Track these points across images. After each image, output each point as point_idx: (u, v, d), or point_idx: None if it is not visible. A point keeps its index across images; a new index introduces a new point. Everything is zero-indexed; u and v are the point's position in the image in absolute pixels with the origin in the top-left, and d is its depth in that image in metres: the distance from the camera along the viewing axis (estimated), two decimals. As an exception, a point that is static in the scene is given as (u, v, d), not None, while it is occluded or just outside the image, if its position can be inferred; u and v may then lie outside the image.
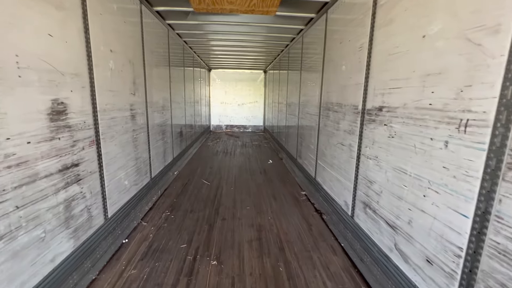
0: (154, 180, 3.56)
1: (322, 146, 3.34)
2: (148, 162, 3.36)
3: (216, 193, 3.69)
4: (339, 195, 2.76)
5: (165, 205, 3.25)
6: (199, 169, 4.94)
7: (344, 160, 2.64)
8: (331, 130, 3.00)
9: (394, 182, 1.79)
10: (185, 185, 4.02)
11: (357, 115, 2.35)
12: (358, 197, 2.34)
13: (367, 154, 2.16)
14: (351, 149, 2.47)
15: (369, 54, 2.14)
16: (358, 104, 2.34)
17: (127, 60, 2.68)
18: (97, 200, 2.16)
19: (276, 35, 4.80)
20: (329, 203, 3.02)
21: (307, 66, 4.14)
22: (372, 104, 2.09)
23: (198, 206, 3.23)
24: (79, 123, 1.89)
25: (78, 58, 1.87)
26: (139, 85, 3.01)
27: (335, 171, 2.88)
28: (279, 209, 3.22)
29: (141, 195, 3.08)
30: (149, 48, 3.33)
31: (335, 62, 2.93)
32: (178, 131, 5.10)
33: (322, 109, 3.35)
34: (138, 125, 3.01)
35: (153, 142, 3.56)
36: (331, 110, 3.02)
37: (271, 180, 4.38)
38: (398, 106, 1.75)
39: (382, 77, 1.95)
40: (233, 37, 5.10)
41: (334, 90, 2.94)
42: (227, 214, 3.04)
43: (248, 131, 10.83)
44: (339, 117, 2.78)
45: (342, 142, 2.69)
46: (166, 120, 4.22)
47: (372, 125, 2.09)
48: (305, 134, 4.21)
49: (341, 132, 2.73)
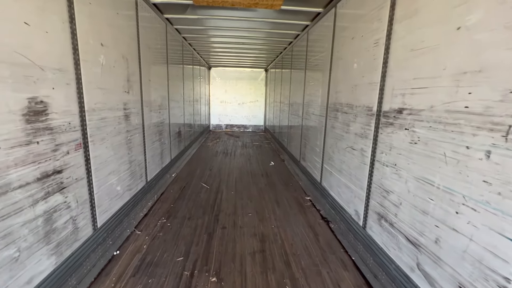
0: (150, 184, 3.35)
1: (329, 149, 3.14)
2: (143, 165, 3.16)
3: (216, 198, 3.48)
4: (349, 203, 2.56)
5: (161, 211, 3.05)
6: (198, 171, 4.74)
7: (355, 166, 2.44)
8: (340, 132, 2.80)
9: (417, 194, 1.59)
10: (183, 188, 3.82)
11: (371, 117, 2.15)
12: (371, 207, 2.14)
13: (383, 160, 1.96)
14: (364, 154, 2.27)
15: (387, 50, 1.94)
16: (372, 105, 2.14)
17: (120, 55, 2.47)
18: (85, 209, 1.95)
19: (279, 32, 4.58)
20: (337, 211, 2.83)
21: (312, 64, 3.93)
22: (390, 106, 1.89)
23: (197, 213, 3.03)
24: (63, 124, 1.68)
25: (62, 52, 1.66)
26: (133, 83, 2.80)
27: (344, 177, 2.68)
28: (283, 216, 3.02)
29: (135, 200, 2.88)
30: (145, 43, 3.11)
31: (345, 60, 2.73)
32: (176, 131, 4.89)
33: (329, 110, 3.14)
34: (133, 126, 2.81)
35: (149, 143, 3.35)
36: (340, 111, 2.81)
37: (273, 183, 4.18)
38: (423, 109, 1.55)
39: (403, 76, 1.74)
40: (234, 34, 4.88)
41: (344, 90, 2.73)
42: (228, 221, 2.84)
43: (249, 131, 10.62)
44: (349, 119, 2.58)
45: (352, 146, 2.49)
46: (164, 120, 4.01)
47: (389, 129, 1.89)
48: (309, 136, 4.00)
49: (351, 135, 2.53)
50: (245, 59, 7.88)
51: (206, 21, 4.18)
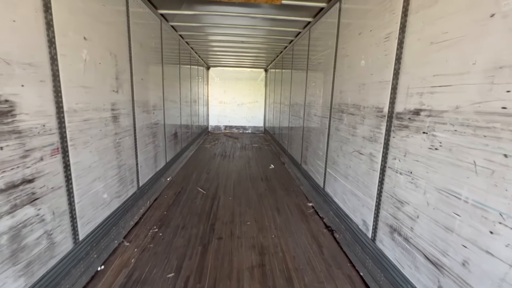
0: (142, 189, 3.15)
1: (333, 153, 2.94)
2: (135, 169, 2.95)
3: (212, 205, 3.28)
4: (355, 211, 2.36)
5: (153, 220, 2.84)
6: (195, 175, 4.53)
7: (362, 172, 2.24)
8: (345, 135, 2.60)
9: (439, 207, 1.39)
10: (178, 194, 3.61)
11: (382, 119, 1.95)
12: (382, 218, 1.94)
13: (396, 167, 1.76)
14: (373, 159, 2.07)
15: (400, 44, 1.74)
16: (383, 106, 1.94)
17: (107, 51, 2.27)
18: (63, 221, 1.75)
19: (279, 29, 4.39)
20: (342, 219, 2.62)
21: (315, 63, 3.74)
22: (405, 106, 1.69)
23: (191, 221, 2.82)
24: (35, 127, 1.47)
25: (34, 44, 1.46)
26: (123, 81, 2.60)
27: (350, 183, 2.48)
28: (284, 225, 2.82)
29: (125, 208, 2.67)
30: (137, 40, 2.92)
31: (351, 57, 2.53)
32: (172, 132, 4.69)
33: (333, 111, 2.95)
34: (122, 128, 2.60)
35: (142, 146, 3.15)
36: (345, 112, 2.62)
37: (273, 188, 3.98)
38: (446, 110, 1.35)
39: (421, 72, 1.55)
40: (233, 31, 4.69)
41: (350, 90, 2.54)
42: (225, 231, 2.64)
43: (248, 132, 10.42)
44: (355, 121, 2.38)
45: (360, 151, 2.30)
46: (158, 121, 3.81)
47: (403, 132, 1.69)
48: (311, 138, 3.81)
49: (358, 139, 2.33)
50: (244, 59, 7.69)
51: (203, 18, 3.98)
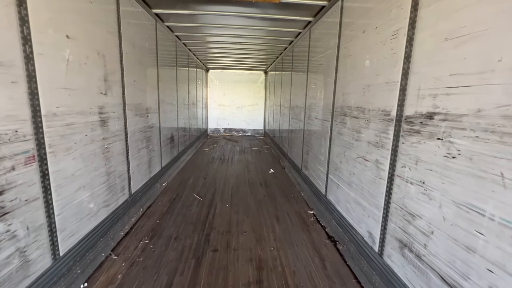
0: (135, 197, 2.99)
1: (335, 159, 2.78)
2: (126, 176, 2.80)
3: (208, 213, 3.12)
4: (360, 222, 2.20)
5: (145, 229, 2.68)
6: (192, 180, 4.37)
7: (368, 180, 2.08)
8: (349, 140, 2.45)
9: (458, 223, 1.23)
10: (173, 200, 3.45)
11: (389, 123, 1.80)
12: (390, 231, 1.77)
13: (406, 176, 1.61)
14: (379, 167, 1.91)
15: (410, 42, 1.59)
16: (390, 108, 1.79)
17: (94, 51, 2.13)
18: (40, 236, 1.59)
19: (279, 30, 4.26)
20: (345, 230, 2.46)
21: (315, 64, 3.60)
22: (415, 110, 1.53)
23: (185, 231, 2.66)
24: (5, 133, 1.32)
25: (3, 41, 1.32)
26: (113, 83, 2.45)
27: (354, 191, 2.32)
28: (283, 235, 2.65)
29: (115, 217, 2.51)
30: (129, 40, 2.78)
31: (354, 57, 2.39)
32: (168, 136, 4.54)
33: (336, 114, 2.79)
34: (112, 132, 2.45)
35: (134, 151, 3.00)
36: (348, 116, 2.46)
37: (273, 194, 3.81)
38: (465, 113, 1.20)
39: (434, 72, 1.40)
40: (231, 32, 4.56)
41: (353, 91, 2.39)
42: (220, 242, 2.47)
43: (248, 135, 10.27)
44: (360, 125, 2.23)
45: (364, 157, 2.14)
46: (153, 124, 3.66)
47: (414, 138, 1.54)
48: (312, 142, 3.65)
49: (363, 144, 2.17)
50: (244, 60, 7.57)
51: (200, 18, 3.85)
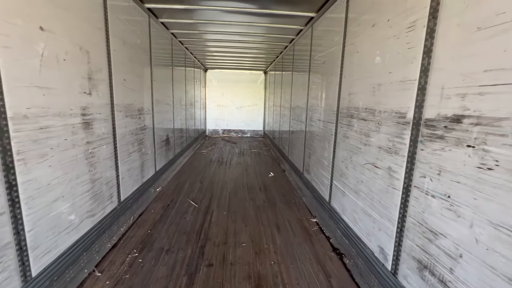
0: (125, 204, 2.78)
1: (340, 164, 2.58)
2: (114, 182, 2.59)
3: (204, 221, 2.91)
4: (370, 235, 2.00)
5: (134, 241, 2.47)
6: (187, 184, 4.17)
7: (378, 189, 1.88)
8: (356, 144, 2.25)
9: (497, 248, 1.03)
10: (167, 207, 3.24)
11: (405, 127, 1.60)
12: (406, 249, 1.57)
13: (427, 188, 1.40)
14: (392, 175, 1.71)
15: (430, 33, 1.39)
16: (406, 110, 1.59)
17: (76, 46, 1.92)
18: (6, 256, 1.38)
19: (279, 27, 4.05)
20: (352, 242, 2.26)
21: (318, 63, 3.40)
22: (438, 111, 1.33)
23: (178, 242, 2.45)
24: (-44, 139, 1.12)
25: (-45, 30, 1.12)
26: (99, 82, 2.25)
27: (362, 200, 2.12)
28: (285, 247, 2.45)
29: (101, 228, 2.31)
30: (118, 36, 2.57)
31: (362, 53, 2.19)
32: (163, 138, 4.33)
33: (341, 116, 2.59)
34: (97, 135, 2.25)
35: (124, 155, 2.79)
36: (356, 118, 2.26)
37: (273, 200, 3.61)
38: (506, 117, 1.00)
39: (462, 68, 1.20)
40: (229, 29, 4.36)
41: (361, 91, 2.19)
42: (216, 255, 2.26)
43: (247, 136, 10.06)
44: (369, 128, 2.03)
45: (375, 163, 1.94)
46: (146, 126, 3.46)
47: (437, 144, 1.34)
48: (315, 145, 3.45)
49: (372, 149, 1.97)
50: (243, 60, 7.36)
51: (197, 13, 3.65)
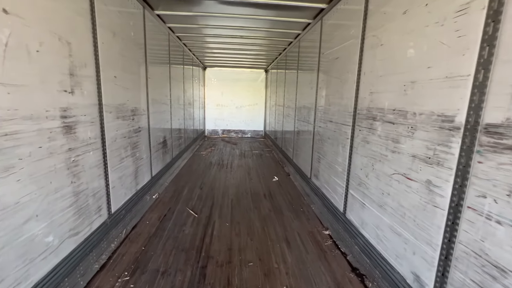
0: (116, 216, 2.48)
1: (358, 171, 2.29)
2: (104, 192, 2.29)
3: (205, 234, 2.61)
4: (400, 257, 1.71)
5: (126, 260, 2.17)
6: (186, 190, 3.87)
7: (412, 205, 1.59)
8: (380, 150, 1.96)
9: None
10: (163, 218, 2.95)
11: (453, 133, 1.31)
12: (454, 282, 1.29)
13: (489, 211, 1.12)
14: (433, 190, 1.42)
15: (494, 16, 1.10)
16: (454, 113, 1.30)
17: (53, 36, 1.62)
18: (-45, 301, 1.09)
19: (284, 20, 3.75)
20: (375, 262, 1.98)
21: (329, 59, 3.10)
22: (507, 115, 1.05)
23: (176, 262, 2.16)
24: None
25: None
26: (84, 79, 1.95)
27: (388, 216, 1.83)
28: (297, 266, 2.16)
29: (87, 247, 2.01)
30: (107, 27, 2.27)
31: (389, 46, 1.90)
32: (160, 141, 4.02)
33: (359, 117, 2.31)
34: (82, 141, 1.95)
35: (115, 161, 2.49)
36: (380, 120, 1.97)
37: (279, 208, 3.32)
38: None
39: (551, 58, 0.91)
40: (230, 24, 4.06)
41: (387, 90, 1.90)
42: (219, 279, 1.97)
43: (247, 137, 9.76)
44: (399, 132, 1.74)
45: (407, 174, 1.65)
46: (140, 128, 3.15)
47: (506, 157, 1.05)
48: (325, 149, 3.16)
49: (404, 157, 1.68)
50: (243, 58, 7.06)
51: (195, 5, 3.34)
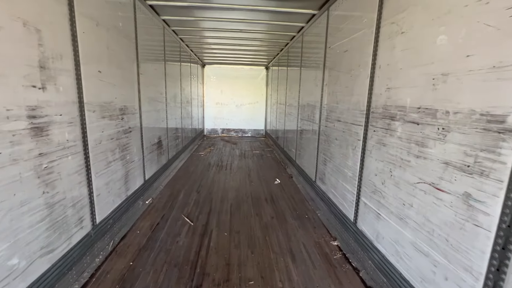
0: (102, 227, 2.23)
1: (373, 177, 2.04)
2: (86, 201, 2.04)
3: (201, 246, 2.36)
4: (427, 281, 1.46)
5: (111, 278, 1.92)
6: (182, 194, 3.62)
7: (444, 222, 1.34)
8: (400, 154, 1.70)
9: None
10: (156, 227, 2.70)
11: (503, 137, 1.05)
12: (505, 323, 1.04)
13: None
14: (474, 205, 1.17)
15: None
16: (506, 111, 1.04)
17: (16, 20, 1.36)
18: None
19: (287, 11, 3.48)
20: (393, 281, 1.73)
21: (337, 52, 2.83)
22: None
23: (168, 280, 1.91)
24: None
25: None
26: (59, 73, 1.69)
27: (412, 231, 1.58)
28: (304, 284, 1.91)
29: (65, 265, 1.76)
30: (88, 15, 2.01)
31: (412, 33, 1.63)
32: (154, 141, 3.77)
33: (373, 117, 2.05)
34: (58, 144, 1.69)
35: (100, 166, 2.24)
36: (400, 120, 1.72)
37: (282, 215, 3.07)
38: None
39: None
40: (229, 16, 3.79)
41: (409, 84, 1.64)
42: (215, 301, 1.73)
43: (247, 136, 9.50)
44: (425, 134, 1.48)
45: (436, 184, 1.39)
46: (131, 128, 2.89)
47: None
48: (332, 151, 2.90)
49: (432, 164, 1.43)
50: (243, 54, 6.78)
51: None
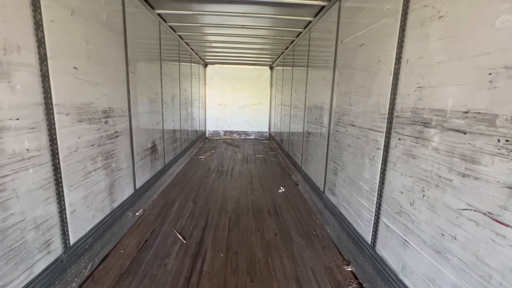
0: (79, 247, 1.91)
1: (398, 196, 1.67)
2: (55, 220, 1.72)
3: (192, 271, 2.02)
4: None
5: (80, 315, 1.60)
6: (177, 205, 3.29)
7: (507, 265, 0.98)
8: (438, 171, 1.34)
9: None
10: (143, 245, 2.37)
11: None
12: None
13: None
14: None
15: None
16: None
17: None
18: None
19: (294, 3, 3.15)
20: (429, 331, 1.36)
21: (351, 47, 2.48)
22: None
23: (148, 318, 1.58)
24: None
25: None
26: (15, 68, 1.37)
27: (455, 271, 1.21)
28: (313, 327, 1.56)
29: (23, 301, 1.44)
30: (58, 0, 1.70)
31: (455, 16, 1.28)
32: (147, 146, 3.46)
33: (398, 122, 1.69)
34: (11, 155, 1.38)
35: (76, 177, 1.92)
36: (437, 127, 1.36)
37: (287, 231, 2.72)
38: None
39: None
40: (233, 10, 3.46)
41: (452, 82, 1.28)
42: None
43: (251, 138, 9.17)
44: (476, 147, 1.12)
45: (494, 215, 1.03)
46: (118, 132, 2.58)
47: None
48: (345, 160, 2.55)
49: (488, 187, 1.07)
50: (246, 53, 6.45)
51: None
